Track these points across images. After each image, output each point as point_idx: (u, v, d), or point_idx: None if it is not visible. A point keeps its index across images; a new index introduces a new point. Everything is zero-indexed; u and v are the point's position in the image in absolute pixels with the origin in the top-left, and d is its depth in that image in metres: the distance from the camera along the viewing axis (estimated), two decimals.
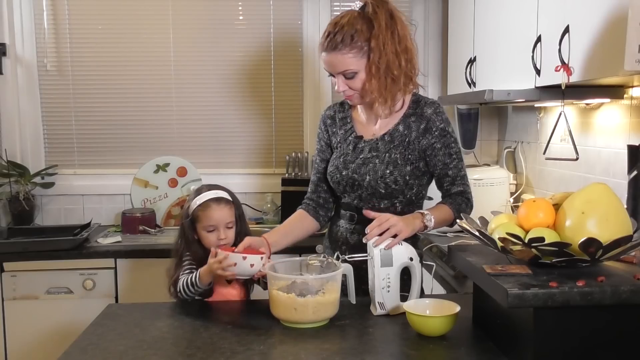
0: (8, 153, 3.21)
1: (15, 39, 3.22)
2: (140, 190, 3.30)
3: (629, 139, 2.06)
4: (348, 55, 1.74)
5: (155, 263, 2.79)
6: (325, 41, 1.76)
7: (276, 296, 1.58)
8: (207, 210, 1.87)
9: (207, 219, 1.87)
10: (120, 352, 1.43)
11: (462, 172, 1.86)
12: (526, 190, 2.98)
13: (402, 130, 1.84)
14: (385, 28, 1.73)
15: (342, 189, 1.89)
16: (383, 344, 1.46)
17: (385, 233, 1.63)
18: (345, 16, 1.76)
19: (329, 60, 1.77)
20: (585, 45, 1.73)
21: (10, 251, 2.78)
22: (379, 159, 1.83)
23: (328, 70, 1.80)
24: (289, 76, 3.41)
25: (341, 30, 1.73)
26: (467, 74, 2.73)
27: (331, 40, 1.74)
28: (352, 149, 1.88)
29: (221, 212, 1.88)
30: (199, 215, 1.87)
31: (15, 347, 2.78)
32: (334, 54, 1.75)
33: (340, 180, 1.88)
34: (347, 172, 1.86)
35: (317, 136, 2.02)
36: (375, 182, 1.81)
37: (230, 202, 1.93)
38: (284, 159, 3.36)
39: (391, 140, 1.84)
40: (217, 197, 1.90)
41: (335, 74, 1.79)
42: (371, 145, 1.86)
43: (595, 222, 1.27)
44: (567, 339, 1.23)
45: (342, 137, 1.93)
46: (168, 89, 3.36)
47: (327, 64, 1.79)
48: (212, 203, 1.88)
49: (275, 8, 3.36)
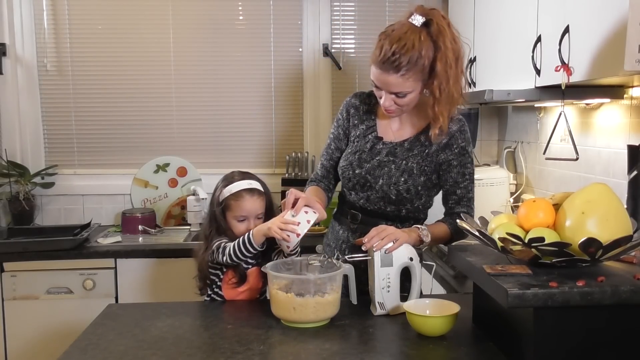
0: (8, 153, 3.21)
1: (15, 39, 3.22)
2: (140, 190, 3.30)
3: (629, 139, 2.06)
4: (408, 79, 1.65)
5: (155, 263, 2.80)
6: (385, 59, 1.63)
7: (276, 295, 1.59)
8: (240, 200, 1.83)
9: (239, 209, 1.83)
10: (120, 352, 1.43)
11: (470, 194, 1.83)
12: (526, 190, 2.98)
13: (423, 140, 1.82)
14: (451, 51, 1.65)
15: (351, 186, 1.86)
16: (383, 344, 1.46)
17: (385, 239, 1.63)
18: (409, 34, 1.63)
19: (386, 80, 1.66)
20: (585, 45, 1.73)
21: (10, 251, 2.78)
22: (395, 164, 1.81)
23: (377, 85, 1.71)
24: (289, 76, 3.41)
25: (407, 52, 1.61)
26: (467, 74, 2.72)
27: (395, 62, 1.62)
28: (370, 148, 1.85)
29: (253, 203, 1.84)
30: (231, 204, 1.84)
31: (15, 347, 2.78)
32: (395, 76, 1.64)
33: (351, 178, 1.84)
34: (360, 171, 1.83)
35: (337, 121, 1.93)
36: (388, 187, 1.79)
37: (262, 193, 1.89)
38: (284, 159, 3.36)
39: (410, 149, 1.82)
40: (251, 187, 1.86)
41: (385, 91, 1.70)
42: (389, 149, 1.83)
43: (595, 222, 1.27)
44: (567, 339, 1.23)
45: (361, 133, 1.88)
46: (168, 89, 3.36)
47: (380, 81, 1.68)
48: (245, 193, 1.84)
49: (275, 8, 3.36)
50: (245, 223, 1.84)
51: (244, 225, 1.84)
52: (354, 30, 3.41)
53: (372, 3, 3.38)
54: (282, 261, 1.73)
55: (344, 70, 3.39)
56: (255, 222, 1.84)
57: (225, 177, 1.91)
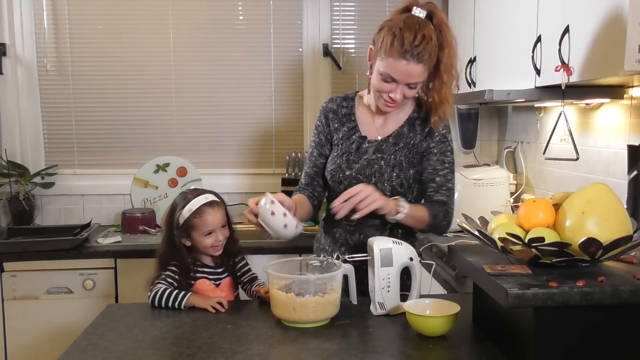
0: (8, 153, 3.21)
1: (15, 39, 3.22)
2: (140, 190, 3.30)
3: (629, 139, 2.06)
4: (427, 68, 1.70)
5: (155, 263, 2.80)
6: (411, 49, 1.64)
7: (276, 295, 1.59)
8: (203, 215, 1.83)
9: (205, 225, 1.83)
10: (120, 352, 1.43)
11: (449, 184, 1.82)
12: (526, 190, 2.98)
13: (407, 132, 1.84)
14: (452, 41, 1.72)
15: (342, 189, 1.84)
16: (383, 344, 1.46)
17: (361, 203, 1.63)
18: (423, 26, 1.67)
19: (408, 71, 1.67)
20: (585, 45, 1.73)
21: (10, 251, 2.78)
22: (384, 160, 1.82)
23: (395, 78, 1.70)
24: (289, 76, 3.41)
25: (428, 43, 1.65)
26: (467, 74, 2.73)
27: (420, 52, 1.65)
28: (356, 148, 1.86)
29: (215, 215, 1.85)
30: (195, 223, 1.83)
31: (15, 347, 2.78)
32: (418, 66, 1.67)
33: (342, 180, 1.85)
34: (350, 172, 1.84)
35: (317, 128, 1.95)
36: (382, 184, 1.80)
37: (220, 202, 1.90)
38: (284, 159, 3.36)
39: (396, 143, 1.83)
40: (210, 201, 1.86)
41: (401, 83, 1.71)
42: (375, 147, 1.84)
43: (595, 222, 1.27)
44: (567, 339, 1.23)
45: (344, 135, 1.89)
46: (168, 89, 3.36)
47: (400, 73, 1.68)
48: (206, 207, 1.84)
49: (275, 8, 3.36)
50: (212, 236, 1.85)
51: (212, 238, 1.85)
52: (354, 30, 3.41)
53: (372, 3, 3.38)
54: (283, 261, 1.73)
55: (344, 70, 3.39)
56: (222, 232, 1.86)
57: (179, 200, 1.89)
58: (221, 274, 1.90)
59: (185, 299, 1.73)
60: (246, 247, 2.04)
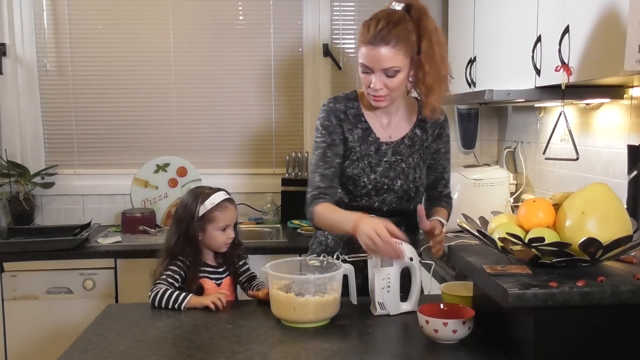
0: (8, 153, 3.21)
1: (15, 39, 3.22)
2: (140, 190, 3.30)
3: (629, 139, 2.06)
4: (399, 51, 1.68)
5: (155, 263, 2.79)
6: (375, 33, 1.67)
7: (276, 295, 1.59)
8: (225, 210, 1.90)
9: (224, 219, 1.89)
10: (120, 352, 1.43)
11: (449, 175, 1.99)
12: (526, 190, 2.98)
13: (420, 134, 1.87)
14: (433, 31, 1.72)
15: (364, 192, 1.83)
16: (383, 344, 1.46)
17: None
18: (395, 13, 1.71)
19: (376, 55, 1.68)
20: (585, 45, 1.73)
21: (10, 251, 2.78)
22: (404, 162, 1.85)
23: (369, 66, 1.71)
24: (289, 76, 3.41)
25: (395, 26, 1.67)
26: (467, 74, 2.73)
27: (385, 35, 1.66)
28: (375, 151, 1.84)
29: (234, 212, 1.93)
30: (215, 216, 1.88)
31: (15, 347, 2.78)
32: (385, 47, 1.66)
33: (367, 184, 1.82)
34: (375, 175, 1.82)
35: (326, 129, 1.84)
36: (408, 185, 1.84)
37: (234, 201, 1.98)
38: (284, 159, 3.36)
39: (412, 144, 1.86)
40: (229, 197, 1.94)
41: (376, 70, 1.70)
42: (393, 149, 1.85)
43: (595, 222, 1.27)
44: (567, 339, 1.23)
45: (359, 137, 1.84)
46: (168, 89, 3.36)
47: (371, 59, 1.69)
48: (227, 203, 1.92)
49: (275, 8, 3.36)
50: (226, 232, 1.90)
51: (225, 235, 1.90)
52: (354, 30, 3.40)
53: (372, 3, 3.35)
54: (283, 261, 1.73)
55: (344, 70, 3.39)
56: (233, 230, 1.92)
57: (195, 193, 1.93)
58: (222, 274, 1.93)
59: (186, 301, 1.73)
60: (246, 247, 2.06)
